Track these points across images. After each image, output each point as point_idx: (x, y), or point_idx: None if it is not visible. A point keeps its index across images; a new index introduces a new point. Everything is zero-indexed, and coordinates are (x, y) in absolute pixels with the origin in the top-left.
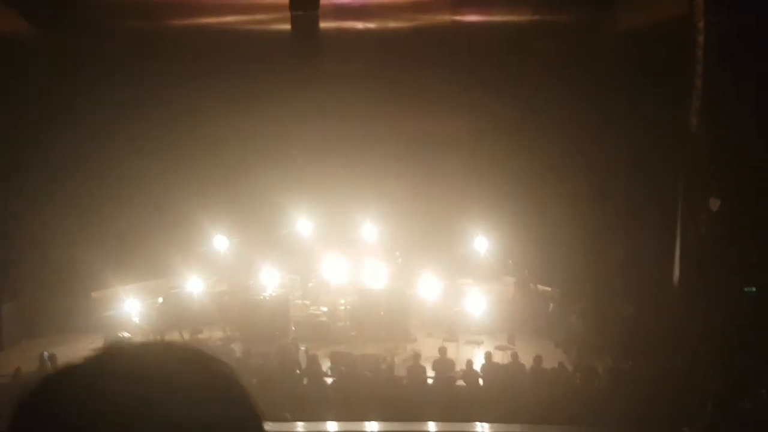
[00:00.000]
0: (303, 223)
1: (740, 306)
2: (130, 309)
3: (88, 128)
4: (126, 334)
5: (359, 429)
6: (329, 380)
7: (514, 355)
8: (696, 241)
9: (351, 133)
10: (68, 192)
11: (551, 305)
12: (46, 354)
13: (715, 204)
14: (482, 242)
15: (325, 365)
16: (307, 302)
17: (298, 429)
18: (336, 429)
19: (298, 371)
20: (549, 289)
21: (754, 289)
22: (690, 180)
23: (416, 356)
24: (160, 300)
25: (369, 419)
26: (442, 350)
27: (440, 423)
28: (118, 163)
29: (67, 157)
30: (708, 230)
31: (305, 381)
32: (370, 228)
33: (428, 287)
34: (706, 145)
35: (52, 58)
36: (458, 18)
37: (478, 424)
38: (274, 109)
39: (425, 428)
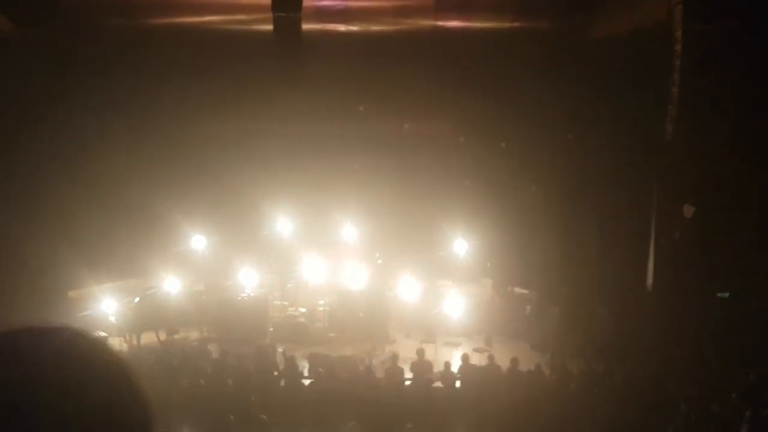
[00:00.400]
0: (282, 223)
1: (713, 311)
2: (106, 309)
3: (65, 127)
4: (102, 334)
5: None
6: (307, 382)
7: (491, 357)
8: (670, 246)
9: (332, 135)
10: (44, 191)
11: (528, 308)
12: None
13: (689, 210)
14: (461, 245)
15: (303, 366)
16: (286, 303)
17: None
18: None
19: (276, 373)
20: (526, 291)
21: (727, 294)
22: (665, 186)
23: (394, 358)
24: (137, 300)
25: (347, 421)
26: (420, 352)
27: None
28: (96, 161)
29: (43, 155)
30: (682, 236)
31: (283, 382)
32: (349, 229)
33: (407, 289)
34: (681, 152)
35: (31, 56)
36: (440, 23)
37: None
38: (255, 109)
39: None
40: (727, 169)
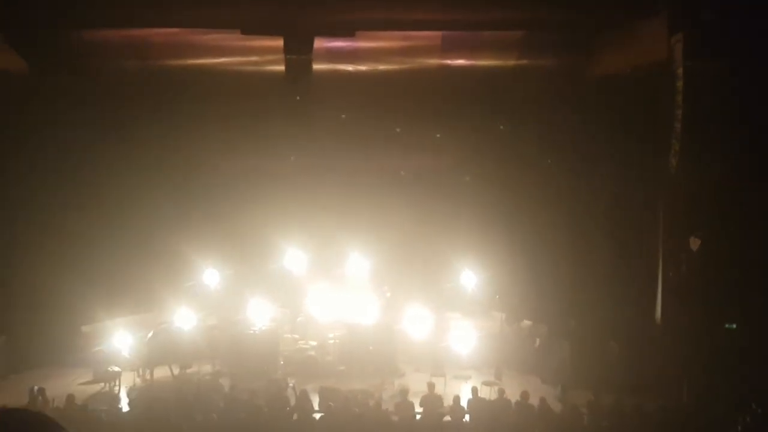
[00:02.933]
0: (292, 257)
1: (722, 342)
2: (119, 343)
3: (79, 163)
4: (115, 368)
5: None
6: (318, 416)
7: (501, 391)
8: (677, 278)
9: (341, 170)
10: (58, 226)
11: (538, 341)
12: (35, 388)
13: (695, 244)
14: (470, 277)
15: (314, 400)
16: (296, 336)
17: None
18: None
19: (288, 408)
20: (535, 324)
21: (735, 325)
22: (671, 219)
23: (404, 392)
24: (150, 334)
25: None
26: (430, 386)
27: None
28: (110, 198)
29: (58, 191)
30: (689, 268)
31: (294, 416)
32: (358, 262)
33: (416, 322)
34: (685, 187)
35: (45, 95)
36: (446, 62)
37: None
38: (267, 146)
39: None
40: (731, 201)
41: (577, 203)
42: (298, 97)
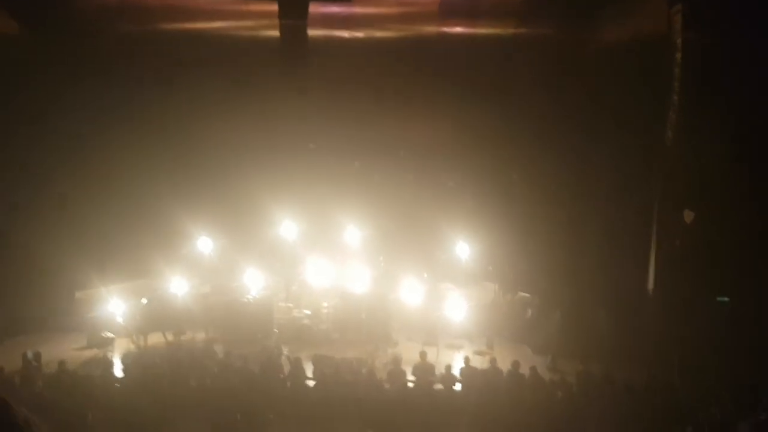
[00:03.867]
0: (287, 226)
1: (713, 315)
2: (114, 310)
3: (73, 129)
4: (109, 334)
5: None
6: (311, 383)
7: (493, 360)
8: (671, 251)
9: (336, 139)
10: (52, 193)
11: (530, 311)
12: (29, 353)
13: (689, 216)
14: (464, 248)
15: (307, 368)
16: (290, 305)
17: None
18: None
19: (281, 375)
20: (528, 295)
21: (727, 299)
22: (666, 192)
23: (397, 360)
24: (144, 301)
25: (349, 422)
26: (422, 354)
27: None
28: (104, 165)
29: (51, 158)
30: (683, 241)
31: (288, 383)
32: (353, 232)
33: (410, 292)
34: (682, 159)
35: (38, 58)
36: (445, 29)
37: None
38: (262, 114)
39: None
40: (727, 175)
41: (572, 175)
42: (292, 66)
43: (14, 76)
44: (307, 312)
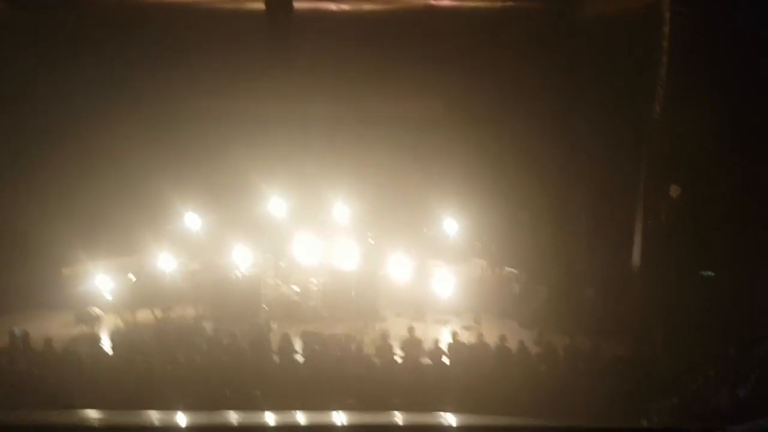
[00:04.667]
0: (275, 202)
1: (698, 290)
2: (101, 286)
3: (59, 104)
4: (97, 311)
5: (324, 420)
6: (300, 359)
7: (480, 335)
8: (657, 226)
9: (324, 114)
10: (38, 168)
11: (517, 287)
12: (16, 330)
13: (675, 191)
14: (451, 224)
15: (296, 344)
16: (279, 282)
17: (267, 420)
18: (303, 419)
19: (270, 351)
20: (515, 271)
21: (712, 273)
22: (652, 167)
23: (385, 336)
24: (132, 277)
25: (338, 396)
26: (411, 330)
27: (406, 413)
28: (90, 139)
29: (37, 133)
30: (669, 216)
31: (277, 360)
32: (341, 208)
33: (398, 268)
34: (668, 133)
35: (22, 33)
36: (432, 2)
37: (442, 414)
38: (248, 89)
39: (390, 418)
40: (713, 150)
41: (558, 150)
42: (278, 39)
43: None
44: (296, 289)
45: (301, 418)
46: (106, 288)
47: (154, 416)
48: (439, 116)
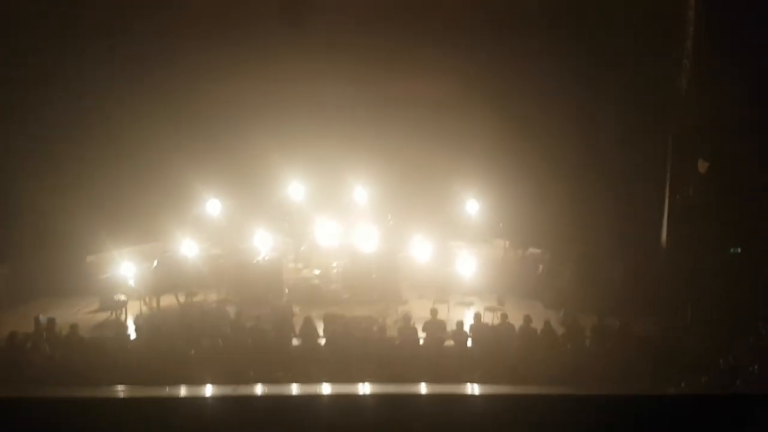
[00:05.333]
0: (295, 187)
1: (726, 266)
2: (125, 272)
3: (82, 90)
4: (122, 297)
5: (350, 391)
6: (322, 341)
7: (504, 316)
8: (684, 202)
9: (343, 96)
10: (63, 155)
11: (541, 267)
12: (42, 317)
13: (703, 166)
14: (473, 205)
15: (318, 327)
16: (300, 266)
17: (292, 391)
18: (328, 391)
19: (292, 333)
20: (539, 251)
21: (740, 249)
22: (680, 141)
23: (407, 317)
24: (155, 263)
25: (361, 380)
26: (433, 311)
27: (431, 384)
28: (113, 126)
29: (61, 120)
30: (696, 191)
31: (299, 342)
32: (361, 191)
33: (420, 250)
34: (695, 108)
35: (42, 15)
36: None
37: (468, 385)
38: (266, 72)
39: (417, 390)
40: (741, 124)
41: (583, 125)
42: (293, 18)
43: (19, 36)
44: (317, 272)
45: (325, 389)
46: (130, 274)
47: (179, 390)
48: (459, 95)
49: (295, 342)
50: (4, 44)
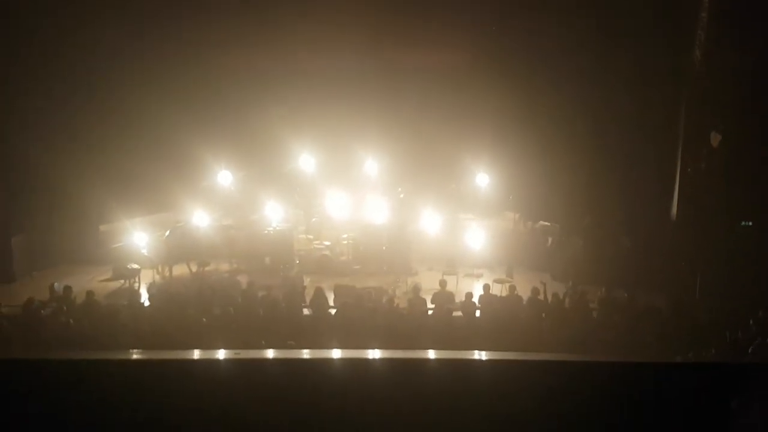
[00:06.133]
0: (305, 159)
1: (736, 240)
2: (138, 241)
3: (95, 63)
4: (134, 266)
5: (360, 356)
6: (332, 311)
7: (512, 288)
8: (696, 175)
9: (353, 69)
10: (76, 126)
11: (550, 240)
12: (56, 284)
13: (715, 139)
14: (483, 178)
15: (329, 297)
16: (311, 237)
17: (303, 356)
18: (339, 356)
19: (303, 303)
20: (548, 224)
21: (750, 223)
22: (692, 115)
23: (416, 289)
24: (167, 233)
25: (370, 347)
26: (442, 283)
27: (440, 351)
28: (126, 97)
29: (74, 91)
30: (708, 166)
31: (310, 312)
32: (371, 163)
33: (429, 222)
34: (709, 79)
35: None
36: None
37: (476, 352)
38: (276, 44)
39: (425, 356)
40: (756, 97)
41: (594, 97)
42: None
43: (26, 13)
44: (327, 244)
45: (336, 354)
46: (142, 244)
47: (192, 354)
48: (471, 68)
49: (305, 312)
50: (15, 16)
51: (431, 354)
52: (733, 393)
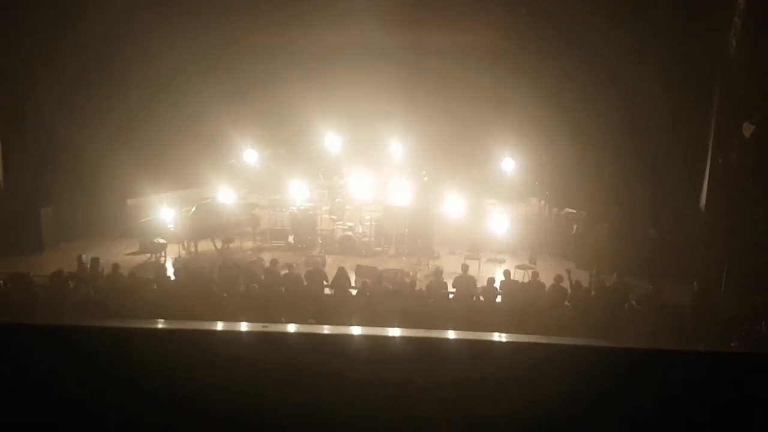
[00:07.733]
0: (331, 139)
1: (764, 233)
2: (164, 217)
3: (126, 36)
4: (161, 240)
5: (380, 333)
6: (353, 291)
7: (535, 274)
8: (726, 166)
9: (379, 48)
10: (104, 102)
11: (575, 227)
12: (84, 256)
13: (748, 130)
14: (509, 163)
15: (351, 277)
16: (334, 217)
17: (324, 331)
18: (359, 332)
19: (324, 282)
20: (574, 211)
21: None
22: (725, 105)
23: (438, 272)
24: (194, 209)
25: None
26: (464, 267)
27: (460, 332)
28: (156, 73)
29: (105, 68)
30: (739, 156)
31: (331, 292)
32: (396, 145)
33: (453, 206)
34: (744, 68)
35: None
36: None
37: (495, 334)
38: (305, 21)
39: (445, 335)
40: None
41: (625, 84)
42: None
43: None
44: (350, 224)
45: (355, 330)
46: (169, 219)
47: (214, 325)
48: (500, 48)
49: (327, 291)
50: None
51: (452, 334)
52: (760, 384)
